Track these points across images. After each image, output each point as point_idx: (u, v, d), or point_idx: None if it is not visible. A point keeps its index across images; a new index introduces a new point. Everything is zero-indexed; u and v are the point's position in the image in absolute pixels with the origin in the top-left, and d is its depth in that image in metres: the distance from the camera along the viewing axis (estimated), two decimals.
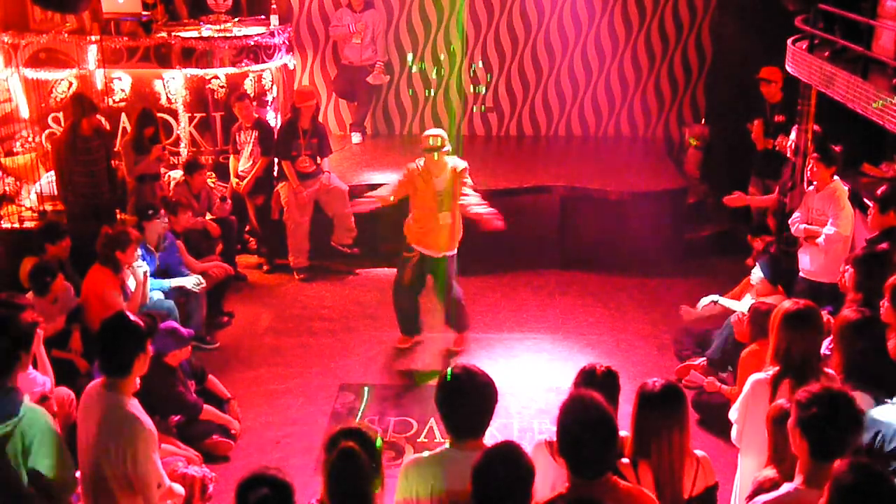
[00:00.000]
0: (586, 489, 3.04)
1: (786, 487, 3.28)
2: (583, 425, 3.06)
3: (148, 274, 6.74)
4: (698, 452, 3.65)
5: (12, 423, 3.61)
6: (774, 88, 8.24)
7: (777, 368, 4.09)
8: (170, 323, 5.81)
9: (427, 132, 7.05)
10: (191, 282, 7.12)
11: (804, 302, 4.23)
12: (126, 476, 3.74)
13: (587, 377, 3.78)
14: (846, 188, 6.68)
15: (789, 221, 6.91)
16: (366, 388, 6.71)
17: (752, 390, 4.16)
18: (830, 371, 4.21)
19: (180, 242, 7.49)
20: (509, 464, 2.96)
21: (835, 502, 2.77)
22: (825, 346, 4.70)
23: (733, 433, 4.33)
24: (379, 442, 3.19)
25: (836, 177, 6.63)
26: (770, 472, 3.56)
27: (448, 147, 6.90)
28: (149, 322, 4.06)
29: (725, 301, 6.71)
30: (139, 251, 6.66)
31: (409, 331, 7.36)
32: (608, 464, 3.12)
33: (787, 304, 4.21)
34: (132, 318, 3.91)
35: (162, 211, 7.26)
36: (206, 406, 5.86)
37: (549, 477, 3.52)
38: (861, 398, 3.81)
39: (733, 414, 4.32)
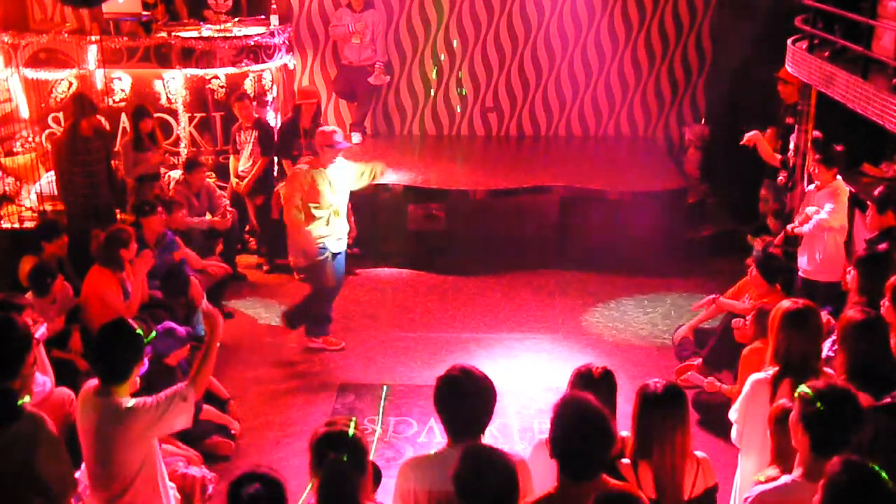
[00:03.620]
0: (576, 489, 3.03)
1: (784, 479, 3.30)
2: (575, 427, 3.06)
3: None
4: (698, 454, 3.65)
5: (13, 427, 3.61)
6: (792, 89, 8.02)
7: (777, 368, 4.09)
8: (167, 323, 5.81)
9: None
10: None
11: (803, 301, 4.23)
12: (141, 468, 3.76)
13: (584, 378, 3.78)
14: (848, 189, 6.68)
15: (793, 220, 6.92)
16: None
17: (751, 390, 4.16)
18: (829, 371, 4.22)
19: (179, 239, 7.49)
20: (488, 467, 2.96)
21: (828, 500, 2.78)
22: (829, 348, 4.70)
23: (733, 433, 4.33)
24: (352, 429, 3.20)
25: (838, 177, 6.62)
26: (773, 472, 3.56)
27: None
28: (146, 327, 4.05)
29: (726, 301, 6.67)
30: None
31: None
32: (600, 465, 3.11)
33: (787, 303, 4.21)
34: (131, 325, 3.89)
35: (160, 208, 7.26)
36: (205, 406, 5.85)
37: (548, 477, 3.52)
38: (863, 399, 3.81)
39: (733, 414, 4.32)
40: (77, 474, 3.94)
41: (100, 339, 3.89)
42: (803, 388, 3.28)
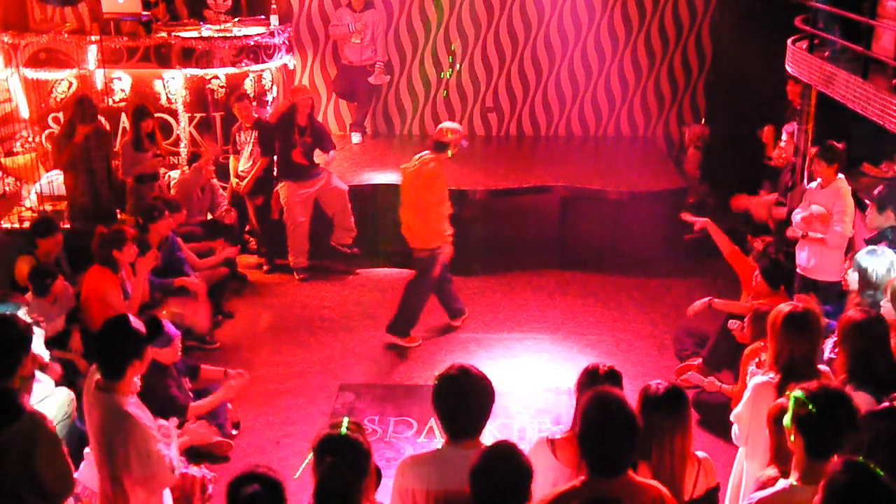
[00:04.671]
0: (603, 486, 3.03)
1: (782, 484, 3.29)
2: (607, 424, 3.04)
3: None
4: (700, 454, 3.64)
5: (13, 427, 3.61)
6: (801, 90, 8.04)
7: (780, 374, 4.08)
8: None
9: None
10: None
11: (803, 304, 4.23)
12: (135, 473, 3.77)
13: (590, 377, 3.78)
14: (850, 188, 6.67)
15: (792, 217, 6.89)
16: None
17: (755, 393, 4.14)
18: (825, 368, 4.22)
19: (180, 239, 7.49)
20: (508, 464, 2.96)
21: (828, 500, 2.77)
22: (830, 350, 4.70)
23: (734, 432, 4.33)
24: (344, 426, 3.20)
25: (840, 175, 6.60)
26: (772, 472, 3.56)
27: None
28: (151, 327, 4.05)
29: (720, 303, 6.64)
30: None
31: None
32: (627, 462, 3.10)
33: (786, 307, 4.20)
34: (133, 323, 3.90)
35: (167, 212, 7.25)
36: (192, 404, 5.77)
37: (550, 475, 3.52)
38: (862, 398, 3.82)
39: (734, 417, 4.31)
40: (76, 474, 3.94)
41: (101, 333, 3.92)
42: (796, 391, 3.28)
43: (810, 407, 3.17)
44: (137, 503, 3.86)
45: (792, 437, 3.25)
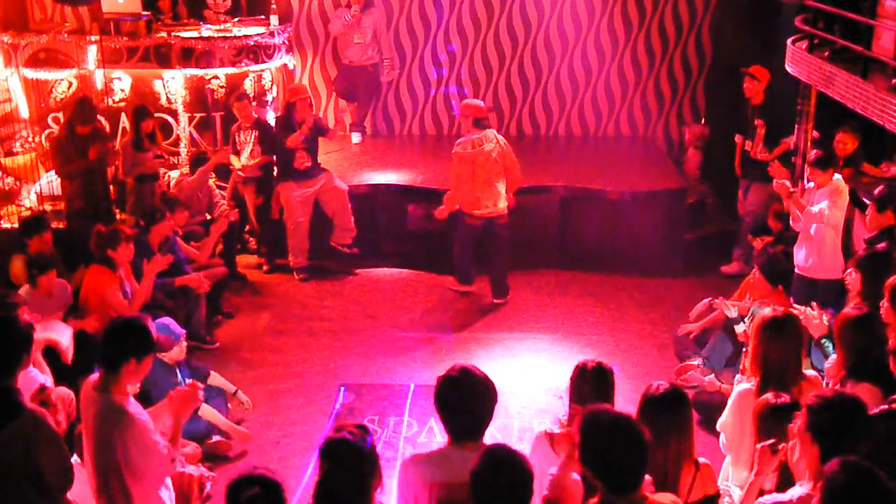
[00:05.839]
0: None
1: (798, 492, 3.26)
2: (618, 444, 2.97)
3: None
4: (702, 460, 3.62)
5: (13, 425, 3.62)
6: (758, 88, 8.06)
7: (759, 379, 4.10)
8: (164, 319, 5.79)
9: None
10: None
11: (783, 310, 4.27)
12: (134, 465, 3.79)
13: (582, 374, 3.79)
14: (847, 187, 6.67)
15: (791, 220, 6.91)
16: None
17: (738, 401, 4.16)
18: (810, 373, 4.23)
19: (180, 239, 7.49)
20: (509, 467, 2.95)
21: (827, 501, 2.77)
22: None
23: (721, 441, 4.34)
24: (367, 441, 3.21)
25: (837, 175, 6.60)
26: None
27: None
28: (163, 343, 4.11)
29: (720, 302, 6.64)
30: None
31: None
32: (644, 476, 3.04)
33: (767, 311, 4.23)
34: (148, 326, 3.94)
35: (168, 213, 7.24)
36: (204, 405, 5.79)
37: (549, 469, 3.52)
38: (865, 390, 3.83)
39: (721, 426, 4.32)
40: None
41: (111, 324, 3.99)
42: (810, 398, 3.27)
43: (826, 415, 3.15)
44: (140, 498, 3.86)
45: (803, 446, 3.23)
